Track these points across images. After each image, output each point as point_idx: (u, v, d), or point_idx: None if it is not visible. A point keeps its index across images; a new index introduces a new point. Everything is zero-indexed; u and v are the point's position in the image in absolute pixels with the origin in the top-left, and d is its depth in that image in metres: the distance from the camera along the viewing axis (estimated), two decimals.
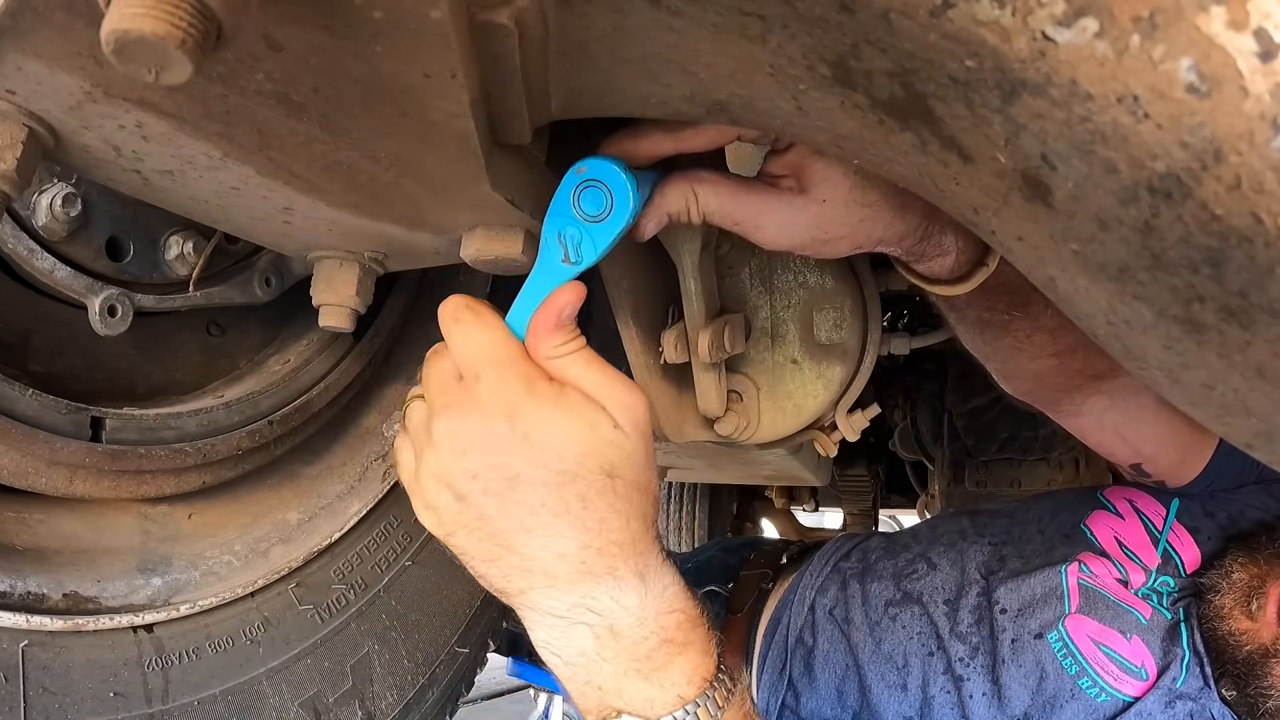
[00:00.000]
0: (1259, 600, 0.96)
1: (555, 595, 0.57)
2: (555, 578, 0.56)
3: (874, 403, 1.07)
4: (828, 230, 0.65)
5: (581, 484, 0.54)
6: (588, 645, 0.57)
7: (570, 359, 0.57)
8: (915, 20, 0.35)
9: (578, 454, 0.54)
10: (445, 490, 0.56)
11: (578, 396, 0.55)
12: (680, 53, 0.45)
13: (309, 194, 0.54)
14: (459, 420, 0.55)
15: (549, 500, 0.54)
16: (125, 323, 0.68)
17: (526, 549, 0.55)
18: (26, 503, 0.71)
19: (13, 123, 0.45)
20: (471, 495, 0.55)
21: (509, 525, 0.55)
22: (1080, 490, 1.31)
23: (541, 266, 0.59)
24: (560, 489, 0.54)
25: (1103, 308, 0.44)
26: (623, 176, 0.58)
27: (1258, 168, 0.30)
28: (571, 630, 0.57)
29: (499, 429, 0.54)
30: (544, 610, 0.57)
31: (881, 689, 1.12)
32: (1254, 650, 0.96)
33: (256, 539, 0.84)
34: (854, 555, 1.34)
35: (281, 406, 0.83)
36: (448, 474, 0.55)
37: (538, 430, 0.54)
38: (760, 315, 0.99)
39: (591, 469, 0.55)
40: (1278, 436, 0.45)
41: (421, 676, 0.92)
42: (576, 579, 0.56)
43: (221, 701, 0.75)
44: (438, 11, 0.37)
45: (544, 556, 0.55)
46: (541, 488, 0.54)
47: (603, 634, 0.57)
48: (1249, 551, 1.02)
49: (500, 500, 0.55)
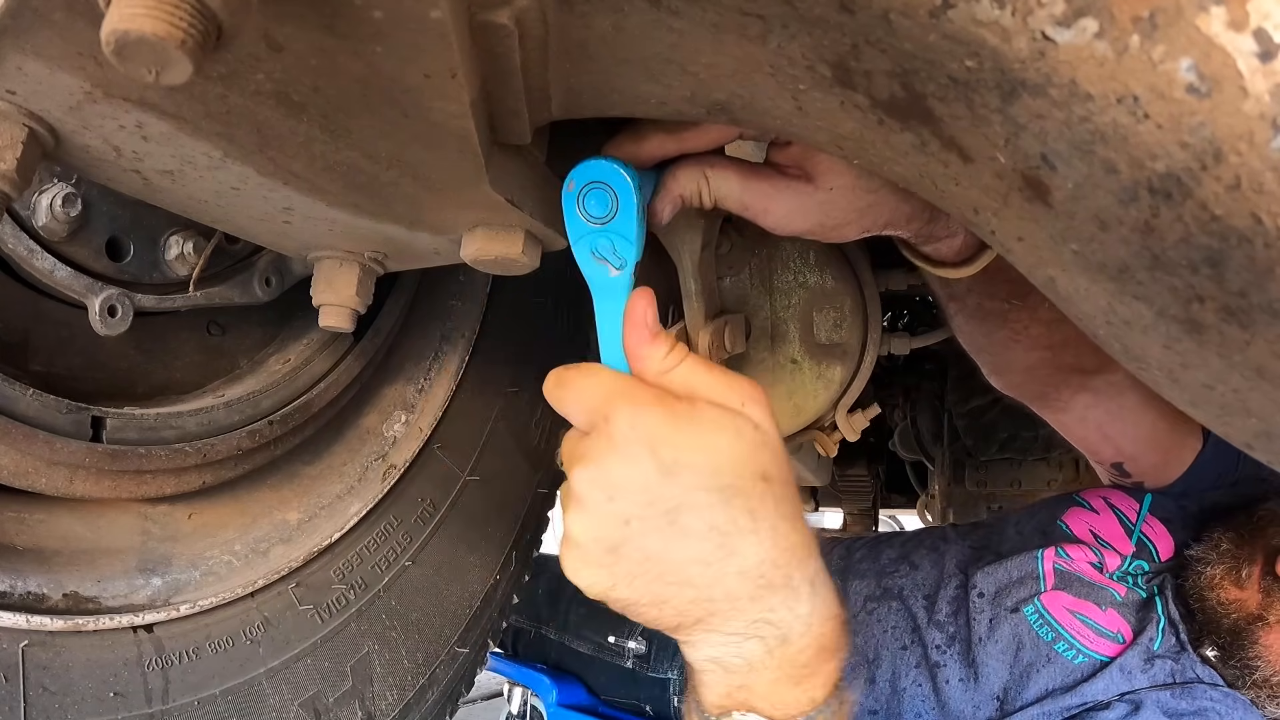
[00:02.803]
0: (1248, 569, 1.00)
1: (736, 616, 0.54)
2: (736, 599, 0.53)
3: (874, 403, 1.07)
4: (834, 216, 0.65)
5: (744, 496, 0.52)
6: (756, 656, 0.55)
7: (684, 368, 0.54)
8: (915, 20, 0.35)
9: (733, 466, 0.51)
10: (597, 547, 0.53)
11: (711, 407, 0.53)
12: (680, 53, 0.45)
13: (309, 194, 0.54)
14: (597, 468, 0.52)
15: (718, 521, 0.51)
16: (125, 323, 0.68)
17: (704, 578, 0.52)
18: (26, 503, 0.71)
19: (13, 123, 0.45)
20: (629, 541, 0.52)
21: (680, 558, 0.52)
22: (1058, 495, 1.35)
23: (599, 293, 0.58)
24: (726, 506, 0.51)
25: (1103, 308, 0.44)
26: (610, 165, 0.57)
27: (1258, 168, 0.30)
28: (745, 644, 0.55)
29: (644, 463, 0.50)
30: (721, 632, 0.55)
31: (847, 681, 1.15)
32: (1240, 618, 0.99)
33: (256, 539, 0.84)
34: (836, 553, 1.37)
35: (282, 406, 0.83)
36: (597, 528, 0.52)
37: (686, 452, 0.51)
38: (760, 315, 0.99)
39: (749, 478, 0.52)
40: (1278, 436, 0.45)
41: (421, 676, 0.92)
42: (758, 594, 0.53)
43: (221, 701, 0.75)
44: (438, 11, 0.37)
45: (725, 580, 0.52)
46: (707, 510, 0.51)
47: (774, 645, 0.55)
48: (1234, 527, 1.06)
49: (664, 536, 0.51)
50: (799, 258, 0.99)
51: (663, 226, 0.67)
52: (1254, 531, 1.03)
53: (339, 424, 0.93)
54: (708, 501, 0.51)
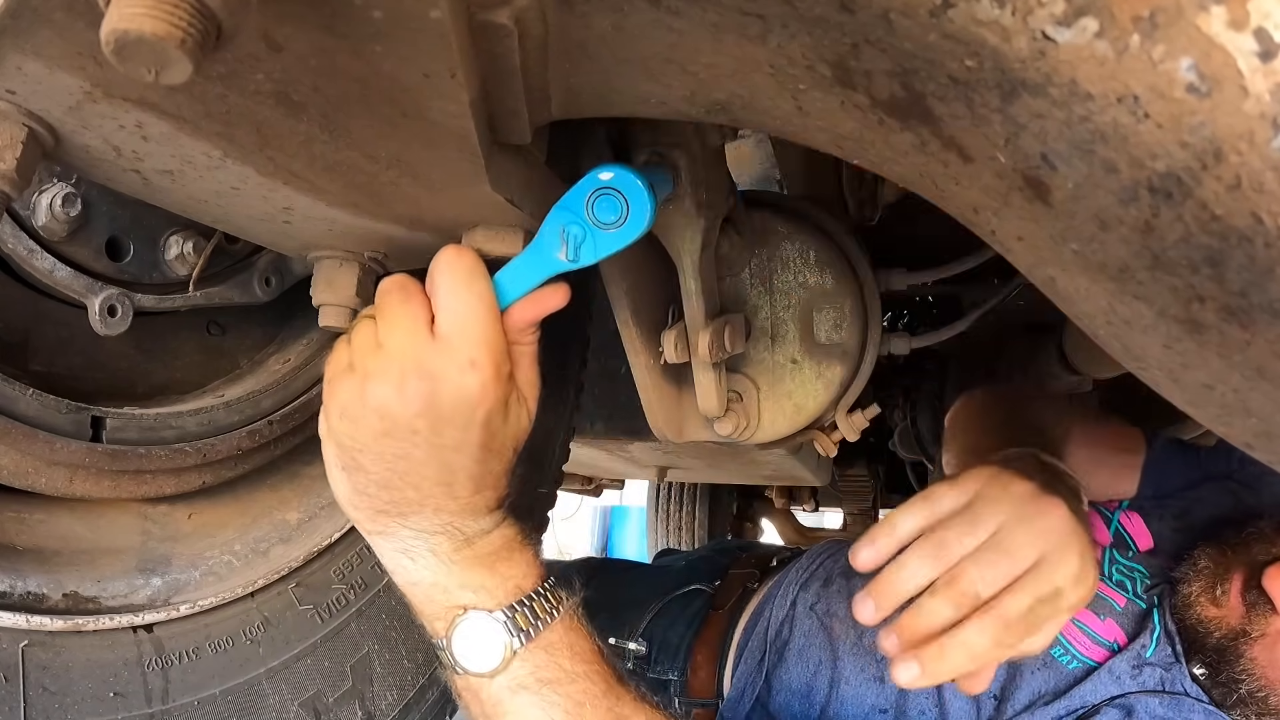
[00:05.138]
0: (1224, 586, 1.00)
1: (435, 516, 0.63)
2: (452, 498, 0.62)
3: (874, 403, 1.07)
4: None
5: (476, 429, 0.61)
6: (443, 549, 0.64)
7: (525, 351, 0.64)
8: (915, 20, 0.35)
9: (468, 407, 0.60)
10: (378, 412, 0.59)
11: (460, 360, 0.60)
12: (680, 52, 0.45)
13: (309, 194, 0.54)
14: (404, 342, 0.58)
15: (466, 440, 0.60)
16: (125, 323, 0.68)
17: (435, 477, 0.61)
18: (26, 503, 0.71)
19: (13, 123, 0.45)
20: (388, 435, 0.59)
21: (420, 459, 0.60)
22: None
23: (536, 249, 0.58)
24: (420, 438, 0.60)
25: (1103, 308, 0.44)
26: (646, 195, 0.56)
27: (1258, 167, 0.30)
28: (433, 539, 0.64)
29: (403, 377, 0.58)
30: (416, 529, 0.63)
31: (859, 681, 1.15)
32: (1224, 635, 0.99)
33: (256, 539, 0.84)
34: (841, 556, 1.37)
35: (282, 406, 0.83)
36: (393, 400, 0.58)
37: (447, 383, 0.59)
38: (760, 315, 0.99)
39: (469, 424, 0.60)
40: (1278, 436, 0.45)
41: (421, 676, 0.92)
42: (464, 508, 0.63)
43: (221, 701, 0.75)
44: (437, 11, 0.37)
45: (437, 490, 0.62)
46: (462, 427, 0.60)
47: (459, 542, 0.64)
48: (1216, 543, 1.06)
49: (411, 443, 0.59)
50: (799, 258, 0.99)
51: (663, 226, 0.67)
52: (1237, 547, 1.03)
53: None
54: (465, 419, 0.60)
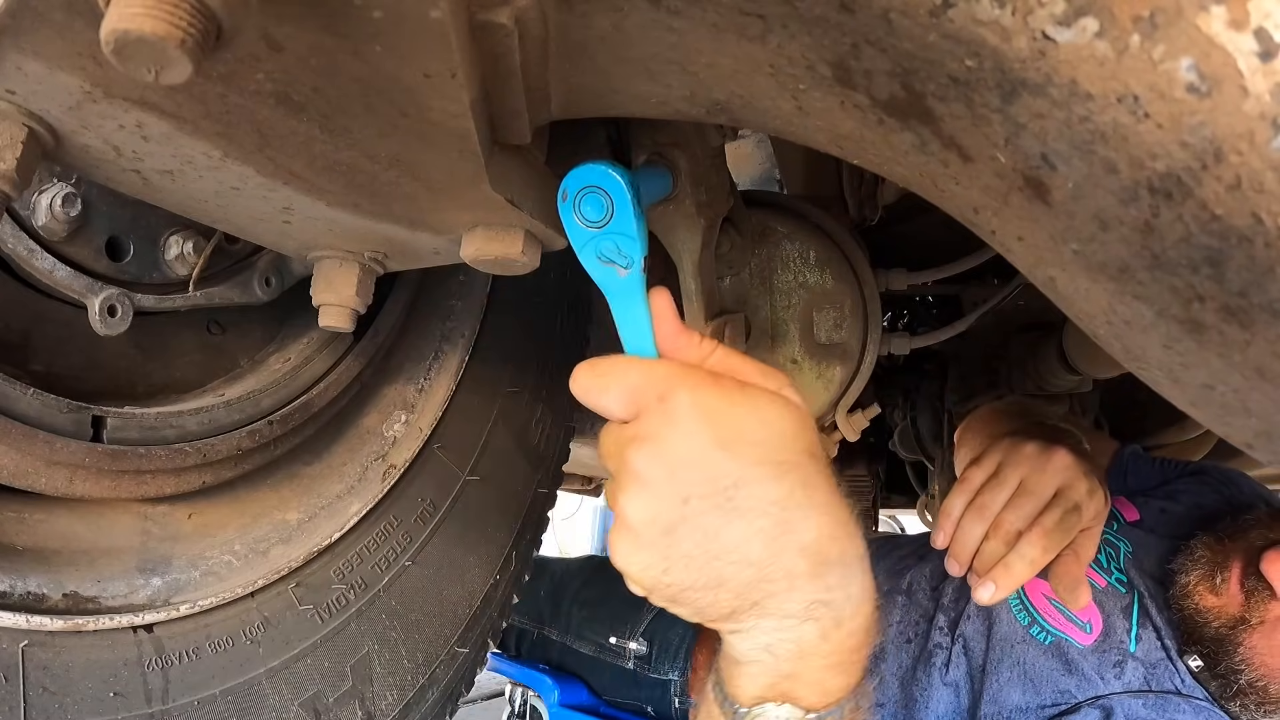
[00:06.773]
0: (1223, 575, 1.00)
1: (793, 597, 0.52)
2: (795, 577, 0.51)
3: (874, 403, 1.07)
4: None
5: (799, 470, 0.51)
6: (810, 641, 0.53)
7: (719, 356, 0.54)
8: (915, 20, 0.35)
9: (786, 442, 0.51)
10: (653, 528, 0.51)
11: (756, 389, 0.52)
12: (680, 53, 0.45)
13: (309, 194, 0.54)
14: (657, 444, 0.50)
15: (776, 495, 0.50)
16: (125, 322, 0.68)
17: (763, 555, 0.51)
18: (26, 503, 0.71)
19: (13, 123, 0.45)
20: (687, 521, 0.50)
21: (739, 535, 0.50)
22: None
23: (613, 295, 0.57)
24: (782, 481, 0.50)
25: (1103, 308, 0.44)
26: (599, 168, 0.56)
27: (1258, 167, 0.30)
28: (801, 628, 0.53)
29: (703, 438, 0.49)
30: (776, 616, 0.52)
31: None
32: (1223, 625, 1.00)
33: (256, 539, 0.84)
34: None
35: (282, 406, 0.83)
36: (655, 507, 0.50)
37: (743, 428, 0.50)
38: (760, 315, 0.99)
39: (800, 453, 0.51)
40: (1278, 436, 0.45)
41: (421, 676, 0.92)
42: (817, 571, 0.52)
43: (221, 701, 0.75)
44: (437, 11, 0.37)
45: (784, 557, 0.51)
46: (765, 484, 0.50)
47: (829, 628, 0.53)
48: (1213, 534, 1.07)
49: (723, 513, 0.50)
50: (799, 258, 0.99)
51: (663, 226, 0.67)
52: (1235, 534, 1.03)
53: (339, 424, 0.93)
54: (765, 476, 0.50)
